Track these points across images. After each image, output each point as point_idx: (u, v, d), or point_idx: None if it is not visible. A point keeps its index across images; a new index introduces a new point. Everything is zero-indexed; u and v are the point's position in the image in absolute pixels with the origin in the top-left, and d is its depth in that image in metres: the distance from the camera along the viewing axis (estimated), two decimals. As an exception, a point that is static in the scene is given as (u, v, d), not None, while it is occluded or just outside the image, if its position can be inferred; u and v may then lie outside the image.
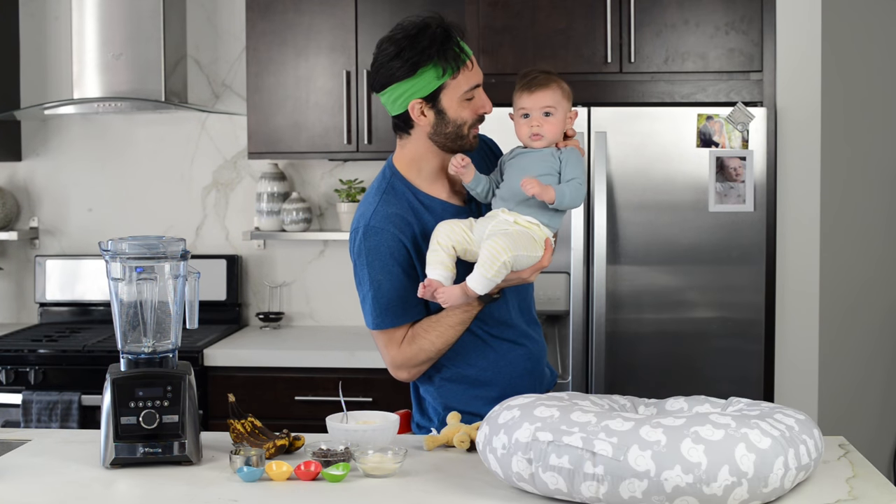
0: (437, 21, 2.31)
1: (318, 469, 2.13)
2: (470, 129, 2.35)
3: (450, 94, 2.30)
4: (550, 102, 2.30)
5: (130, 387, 2.25)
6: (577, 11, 3.54)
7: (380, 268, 2.33)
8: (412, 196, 2.38)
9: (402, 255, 2.34)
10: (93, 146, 4.36)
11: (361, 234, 2.34)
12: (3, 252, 4.42)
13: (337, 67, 3.93)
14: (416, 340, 2.37)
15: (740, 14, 3.51)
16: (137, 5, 4.00)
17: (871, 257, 4.33)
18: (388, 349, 2.40)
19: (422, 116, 2.32)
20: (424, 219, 2.36)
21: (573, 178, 2.28)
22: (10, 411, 3.71)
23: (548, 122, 2.30)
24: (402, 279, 2.34)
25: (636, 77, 3.54)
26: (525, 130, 2.32)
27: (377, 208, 2.35)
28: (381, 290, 2.35)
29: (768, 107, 3.48)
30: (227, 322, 4.23)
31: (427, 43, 2.26)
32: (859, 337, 4.33)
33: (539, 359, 2.53)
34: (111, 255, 2.28)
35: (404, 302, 2.35)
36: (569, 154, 2.31)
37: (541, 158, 2.30)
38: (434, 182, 2.41)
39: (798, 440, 1.95)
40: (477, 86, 2.33)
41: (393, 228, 2.33)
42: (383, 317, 2.36)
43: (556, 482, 1.93)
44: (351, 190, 4.10)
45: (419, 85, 2.29)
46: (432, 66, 2.27)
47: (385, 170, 2.43)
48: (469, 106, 2.32)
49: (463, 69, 2.29)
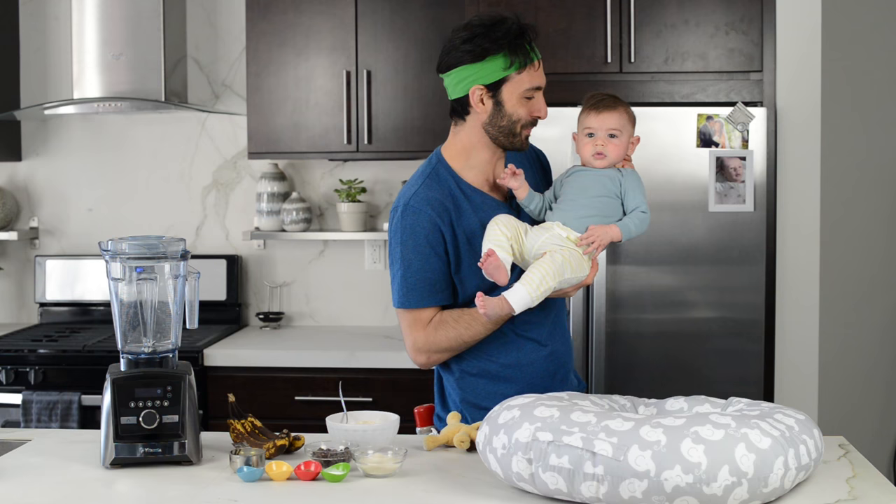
0: (514, 18, 2.35)
1: (318, 469, 2.13)
2: (522, 129, 2.38)
3: (511, 88, 2.34)
4: (616, 125, 2.36)
5: (130, 387, 2.25)
6: (577, 11, 3.54)
7: (413, 248, 2.37)
8: (455, 184, 2.41)
9: (437, 238, 2.37)
10: (93, 146, 4.36)
11: (400, 213, 2.39)
12: (3, 252, 4.42)
13: (337, 67, 3.93)
14: (442, 327, 2.39)
15: (740, 14, 3.51)
16: (137, 5, 4.00)
17: (871, 257, 4.33)
18: (412, 330, 2.42)
19: (480, 104, 2.36)
20: (463, 207, 2.39)
21: (636, 207, 2.33)
22: (10, 411, 3.71)
23: (612, 143, 2.36)
24: (434, 262, 2.37)
25: (636, 77, 3.54)
26: (589, 149, 2.37)
27: (418, 190, 2.39)
28: (410, 269, 2.37)
29: (768, 107, 3.48)
30: (227, 322, 4.23)
31: (501, 34, 2.31)
32: (859, 337, 4.33)
33: (564, 363, 2.53)
34: (111, 255, 2.28)
35: (432, 285, 2.38)
36: (630, 177, 2.36)
37: (600, 178, 2.35)
38: (479, 174, 2.44)
39: (798, 440, 1.95)
40: (538, 88, 2.37)
41: (431, 211, 2.37)
42: (409, 296, 2.39)
43: (556, 482, 1.93)
44: (351, 190, 4.10)
45: (484, 71, 2.33)
46: (501, 56, 2.31)
47: (432, 157, 2.47)
48: (526, 105, 2.36)
49: (529, 67, 2.33)
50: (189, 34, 4.29)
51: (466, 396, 2.47)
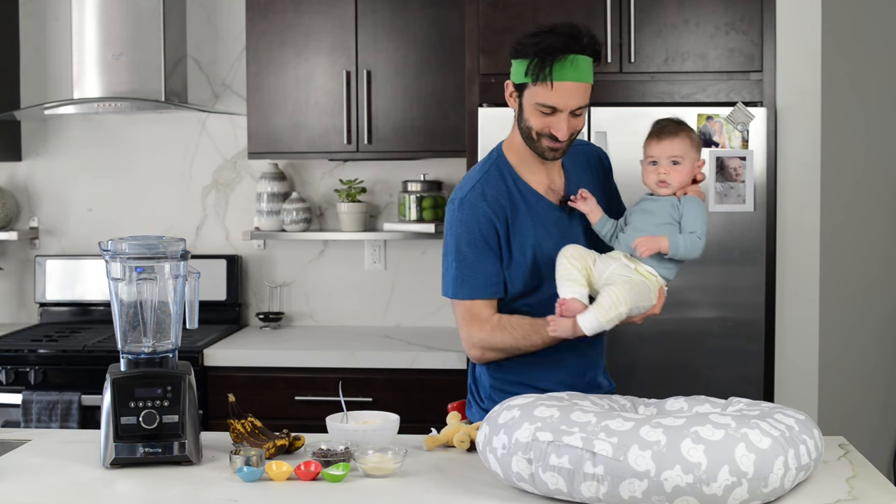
0: (567, 31, 2.36)
1: (318, 469, 2.13)
2: (540, 138, 2.41)
3: (528, 95, 2.39)
4: (678, 152, 2.39)
5: (130, 387, 2.25)
6: (577, 11, 3.54)
7: (467, 240, 2.42)
8: (512, 182, 2.46)
9: (491, 233, 2.42)
10: (93, 146, 4.36)
11: (457, 206, 2.44)
12: (3, 252, 4.42)
13: (337, 67, 3.93)
14: (502, 331, 2.43)
15: (740, 14, 3.51)
16: (137, 5, 4.00)
17: (871, 257, 4.33)
18: (469, 324, 2.46)
19: (510, 98, 2.44)
20: (519, 207, 2.44)
21: (692, 231, 2.36)
22: (10, 411, 3.71)
23: (675, 170, 2.38)
24: (487, 255, 2.42)
25: (636, 77, 3.54)
26: (652, 177, 2.40)
27: (476, 185, 2.44)
28: (464, 261, 2.43)
29: (768, 107, 3.48)
30: (227, 322, 4.23)
31: (536, 41, 2.35)
32: (859, 337, 4.33)
33: (594, 363, 2.57)
34: (111, 255, 2.28)
35: (485, 278, 2.43)
36: (689, 204, 2.37)
37: (663, 205, 2.38)
38: (534, 173, 2.49)
39: (798, 440, 1.95)
40: (553, 108, 2.36)
41: (486, 207, 2.42)
42: (462, 287, 2.44)
43: (556, 482, 1.93)
44: (351, 190, 4.10)
45: (515, 70, 2.41)
46: (525, 61, 2.36)
47: (493, 151, 2.53)
48: (541, 118, 2.38)
49: (542, 84, 2.35)
50: (189, 34, 4.29)
51: (494, 384, 2.51)
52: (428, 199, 4.02)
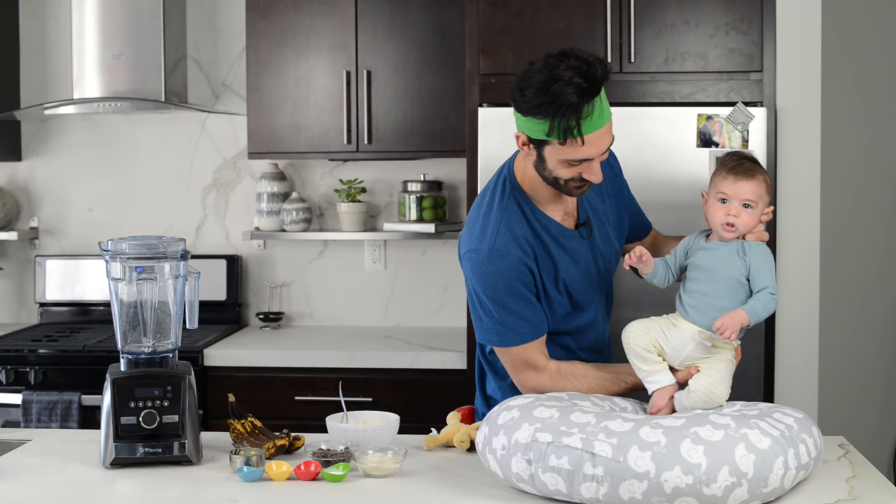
0: (581, 75, 2.14)
1: (318, 469, 2.13)
2: (569, 183, 2.26)
3: (552, 151, 2.21)
4: (753, 196, 2.19)
5: (130, 387, 2.25)
6: (577, 11, 3.54)
7: (505, 290, 2.29)
8: (532, 216, 2.34)
9: (528, 277, 2.31)
10: (93, 146, 4.36)
11: (486, 256, 2.28)
12: (3, 252, 4.42)
13: (337, 67, 3.93)
14: (570, 379, 2.34)
15: (740, 14, 3.51)
16: (137, 5, 4.00)
17: (871, 257, 4.33)
18: (519, 371, 2.35)
19: (525, 147, 2.26)
20: (544, 240, 2.33)
21: (765, 287, 2.17)
22: (10, 411, 3.71)
23: (745, 213, 2.19)
24: (529, 299, 2.31)
25: (636, 77, 3.54)
26: (720, 217, 2.20)
27: (500, 228, 2.30)
28: (505, 309, 2.30)
29: (768, 107, 3.48)
30: (227, 322, 4.23)
31: (549, 99, 2.14)
32: (860, 337, 4.33)
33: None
34: (111, 255, 2.29)
35: (531, 322, 2.32)
36: (757, 254, 2.19)
37: (727, 259, 2.20)
38: (550, 202, 2.36)
39: (798, 439, 1.96)
40: (586, 160, 2.21)
41: (518, 252, 2.29)
42: (508, 336, 2.32)
43: (556, 483, 1.93)
44: (351, 190, 4.10)
45: (528, 126, 2.21)
46: (543, 120, 2.16)
47: (502, 181, 2.37)
48: (571, 168, 2.22)
49: (570, 141, 2.17)
50: (189, 34, 4.29)
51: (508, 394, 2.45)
52: (428, 199, 4.02)
